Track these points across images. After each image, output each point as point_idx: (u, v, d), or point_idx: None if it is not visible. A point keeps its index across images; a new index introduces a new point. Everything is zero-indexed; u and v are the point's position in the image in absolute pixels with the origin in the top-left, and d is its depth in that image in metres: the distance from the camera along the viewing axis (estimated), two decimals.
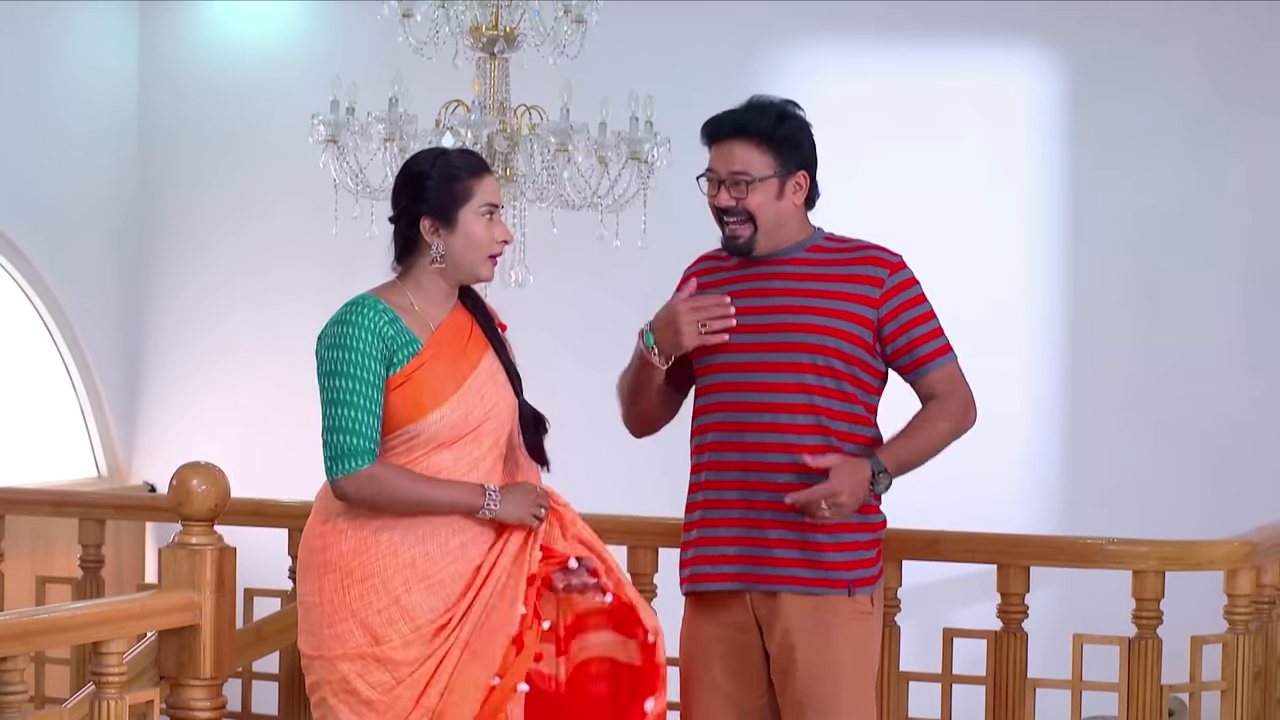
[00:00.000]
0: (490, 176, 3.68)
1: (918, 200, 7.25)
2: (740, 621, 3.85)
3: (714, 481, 3.87)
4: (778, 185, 3.81)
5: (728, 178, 3.82)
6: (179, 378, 8.34)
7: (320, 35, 8.12)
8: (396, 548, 3.57)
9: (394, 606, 3.55)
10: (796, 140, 3.83)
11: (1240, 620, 4.71)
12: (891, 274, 3.82)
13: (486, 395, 3.64)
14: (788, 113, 3.85)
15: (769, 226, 3.82)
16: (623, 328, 7.12)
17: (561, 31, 5.94)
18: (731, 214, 3.83)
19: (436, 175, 3.64)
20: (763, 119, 3.81)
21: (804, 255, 3.86)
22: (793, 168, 3.82)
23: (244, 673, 5.37)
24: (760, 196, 3.80)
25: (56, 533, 7.05)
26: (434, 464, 3.59)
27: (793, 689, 3.80)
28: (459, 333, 3.67)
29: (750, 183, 3.79)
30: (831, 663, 3.78)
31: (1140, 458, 7.07)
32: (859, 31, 7.45)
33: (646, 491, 4.52)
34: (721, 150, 3.84)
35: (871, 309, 3.80)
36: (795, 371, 3.79)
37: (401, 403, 3.57)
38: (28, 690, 3.37)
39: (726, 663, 3.87)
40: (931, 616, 5.91)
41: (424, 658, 3.55)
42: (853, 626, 3.81)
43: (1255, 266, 7.02)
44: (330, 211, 5.95)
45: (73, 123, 8.03)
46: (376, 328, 3.57)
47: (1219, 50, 7.04)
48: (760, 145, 3.80)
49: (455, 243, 3.64)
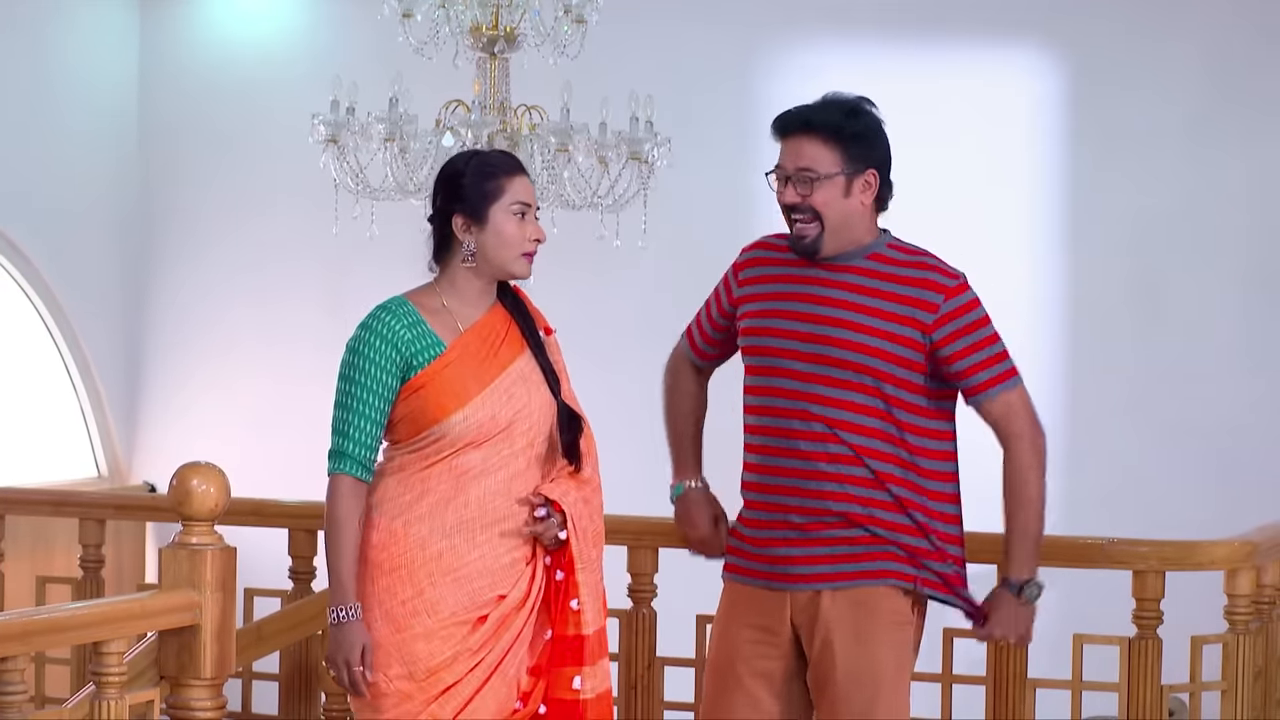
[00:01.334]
0: (524, 176, 3.69)
1: (918, 200, 7.20)
2: (775, 625, 3.80)
3: (757, 484, 3.84)
4: (845, 183, 3.72)
5: (794, 173, 3.73)
6: (179, 377, 8.34)
7: (320, 35, 8.12)
8: (424, 540, 3.60)
9: (418, 599, 3.58)
10: (866, 137, 3.75)
11: (1240, 620, 4.71)
12: (947, 299, 3.72)
13: (515, 396, 3.65)
14: (859, 109, 3.77)
15: (835, 225, 3.72)
16: (623, 327, 7.13)
17: (562, 31, 5.94)
18: (798, 211, 3.74)
19: (470, 173, 3.66)
20: (830, 114, 3.74)
21: (863, 264, 3.76)
22: (861, 166, 3.73)
23: (244, 673, 5.38)
24: (826, 194, 3.71)
25: (57, 533, 7.05)
26: (462, 463, 3.62)
27: (830, 695, 3.75)
28: (491, 333, 3.68)
29: (816, 179, 3.71)
30: (870, 671, 3.73)
31: (1140, 458, 7.07)
32: (859, 31, 7.45)
33: (647, 491, 4.52)
34: (789, 145, 3.75)
35: (923, 334, 3.71)
36: (840, 387, 3.71)
37: (425, 403, 3.60)
38: (28, 690, 3.37)
39: (754, 664, 3.82)
40: (932, 616, 5.89)
41: (446, 661, 3.58)
42: (893, 634, 3.76)
43: (1255, 267, 7.03)
44: (330, 211, 5.95)
45: (73, 122, 8.03)
46: (394, 335, 3.60)
47: (1219, 50, 7.04)
48: (827, 141, 3.71)
49: (486, 240, 3.65)
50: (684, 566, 4.47)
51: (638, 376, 4.16)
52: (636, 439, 4.05)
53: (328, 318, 7.99)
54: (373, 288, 8.39)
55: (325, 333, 7.94)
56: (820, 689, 3.78)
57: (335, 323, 7.90)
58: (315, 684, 5.21)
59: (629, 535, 4.87)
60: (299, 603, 5.21)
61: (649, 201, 5.95)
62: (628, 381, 3.84)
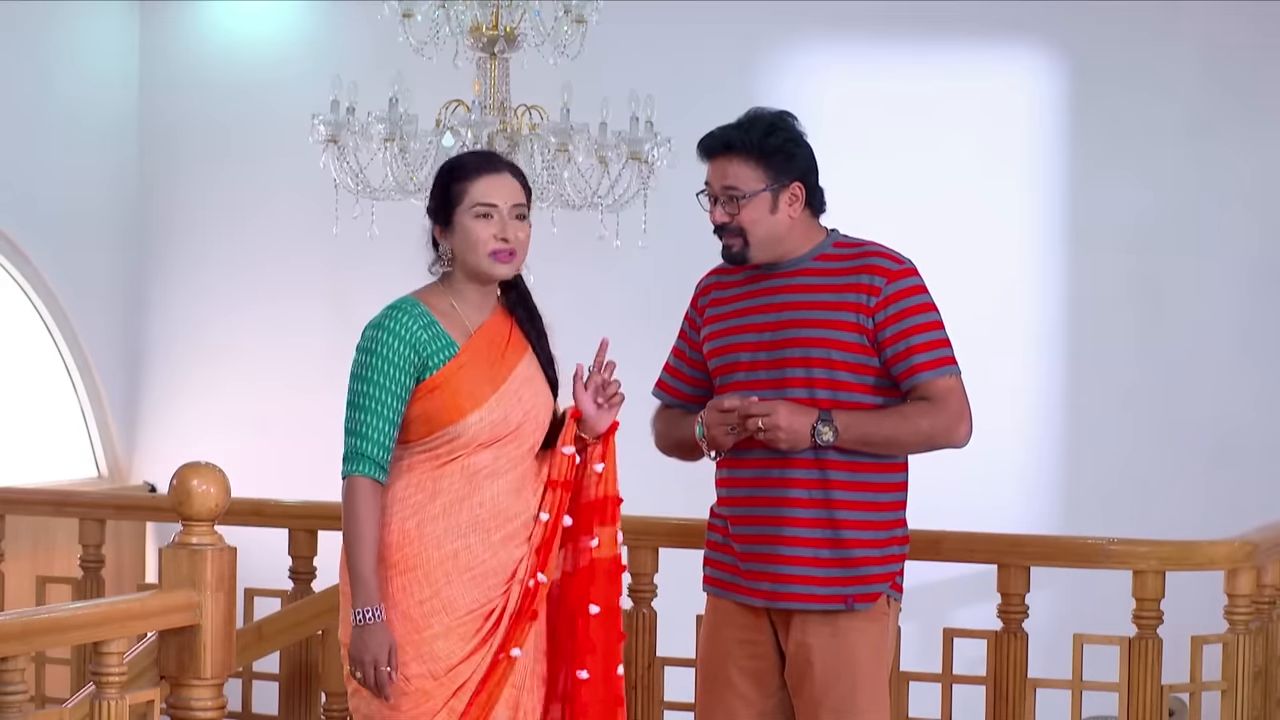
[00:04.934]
0: (490, 176, 3.69)
1: (918, 199, 7.24)
2: (757, 624, 3.87)
3: (730, 499, 3.90)
4: (770, 199, 3.79)
5: (720, 194, 3.82)
6: (179, 377, 8.34)
7: (320, 35, 8.12)
8: (440, 540, 3.62)
9: (435, 599, 3.61)
10: (788, 151, 3.80)
11: (1240, 620, 4.71)
12: (890, 282, 3.76)
13: (524, 398, 3.70)
14: (778, 125, 3.81)
15: (761, 240, 3.81)
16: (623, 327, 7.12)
17: (562, 31, 5.94)
18: (725, 230, 3.83)
19: (441, 177, 3.73)
20: (750, 134, 3.79)
21: (810, 265, 3.84)
22: (785, 180, 3.80)
23: (244, 673, 5.38)
24: (753, 211, 3.78)
25: (57, 533, 7.05)
26: (475, 463, 3.65)
27: (809, 690, 3.80)
28: (497, 336, 3.72)
29: (741, 198, 3.78)
30: (848, 663, 3.78)
31: (1141, 458, 7.07)
32: (859, 30, 7.45)
33: (646, 491, 4.52)
34: (714, 166, 3.83)
35: (866, 317, 3.75)
36: (804, 386, 3.78)
37: (440, 405, 3.62)
38: (28, 690, 3.37)
39: (744, 664, 3.88)
40: (932, 616, 5.91)
41: (464, 656, 3.60)
42: (869, 628, 3.81)
43: (1256, 266, 7.02)
44: (330, 211, 5.95)
45: (73, 122, 8.03)
46: (410, 335, 3.62)
47: (1219, 50, 7.04)
48: (749, 160, 3.78)
49: (457, 243, 3.69)
50: (684, 566, 4.47)
51: (637, 376, 4.15)
52: (635, 439, 4.03)
53: (328, 317, 8.00)
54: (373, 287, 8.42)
55: (326, 332, 7.98)
56: (798, 684, 3.82)
57: (336, 322, 7.95)
58: (315, 684, 5.22)
59: (629, 535, 4.84)
60: (299, 603, 5.21)
61: (649, 201, 5.96)
62: (627, 381, 3.84)
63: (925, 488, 4.33)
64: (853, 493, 3.79)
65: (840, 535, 3.78)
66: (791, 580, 3.79)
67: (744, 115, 3.86)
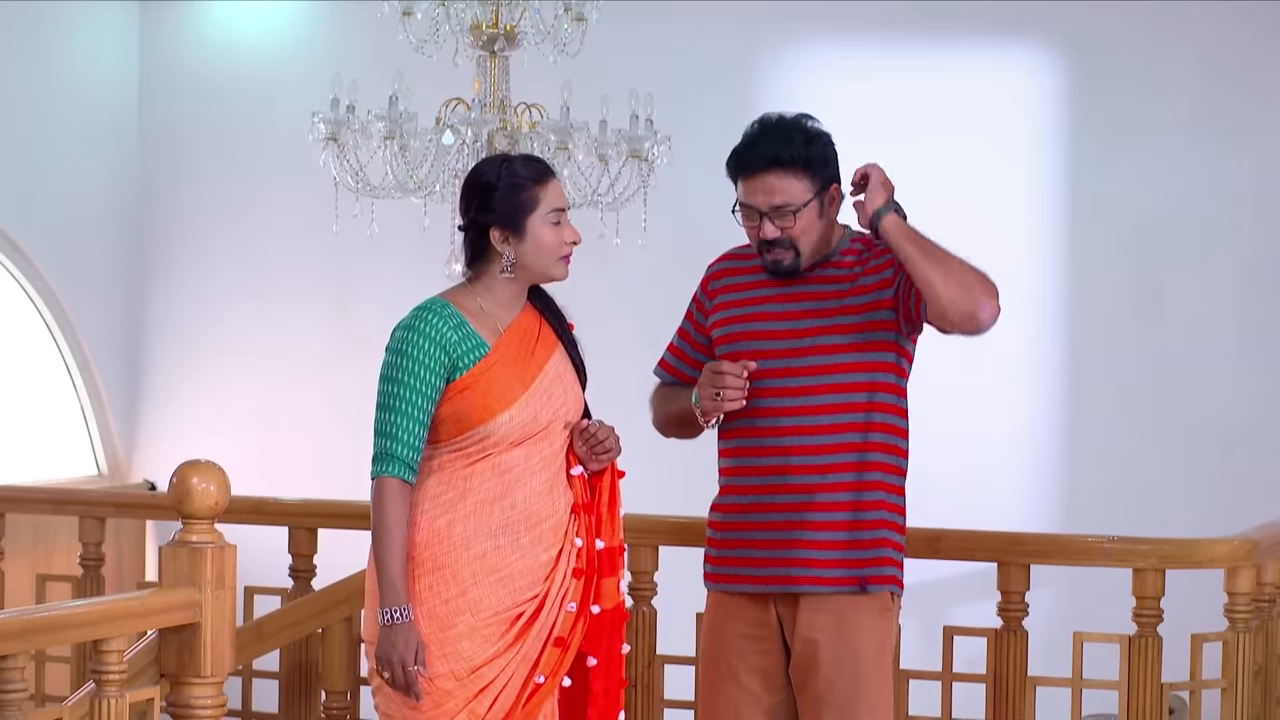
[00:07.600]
0: (554, 181, 3.73)
1: (918, 199, 7.19)
2: (762, 619, 3.86)
3: (739, 486, 3.89)
4: (818, 206, 3.79)
5: (770, 211, 3.78)
6: (179, 376, 8.34)
7: (320, 34, 8.12)
8: (469, 540, 3.62)
9: (461, 598, 3.61)
10: (825, 156, 3.81)
11: (1240, 618, 4.72)
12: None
13: (554, 395, 3.70)
14: (811, 131, 3.80)
15: (810, 248, 3.81)
16: (623, 325, 7.11)
17: (562, 29, 5.94)
18: (777, 245, 3.80)
19: (503, 186, 3.68)
20: (791, 145, 3.76)
21: (839, 258, 3.85)
22: (825, 184, 3.81)
23: (244, 671, 5.38)
24: (804, 221, 3.78)
25: (57, 531, 7.05)
26: (506, 461, 3.65)
27: (813, 685, 3.79)
28: (527, 334, 3.73)
29: (796, 211, 3.77)
30: (853, 659, 3.78)
31: (1141, 456, 7.07)
32: (859, 29, 7.45)
33: (646, 489, 4.51)
34: (756, 184, 3.78)
35: (889, 290, 3.79)
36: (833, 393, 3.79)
37: (471, 405, 3.62)
38: (28, 688, 3.37)
39: (749, 660, 3.87)
40: (932, 614, 5.91)
41: (488, 658, 3.60)
42: (874, 623, 3.81)
43: (1255, 265, 7.03)
44: (330, 209, 5.95)
45: (73, 122, 8.03)
46: (441, 336, 3.62)
47: (1219, 49, 7.04)
48: (797, 172, 3.76)
49: (526, 250, 3.69)
50: (684, 566, 4.47)
51: (637, 375, 4.16)
52: (635, 438, 4.03)
53: (328, 316, 8.00)
54: (373, 285, 8.41)
55: (326, 330, 7.98)
56: (803, 680, 3.82)
57: (336, 320, 7.96)
58: (315, 682, 5.22)
59: (629, 534, 4.84)
60: (299, 601, 5.21)
61: (649, 199, 5.96)
62: (627, 380, 3.84)
63: (925, 486, 4.33)
64: (882, 474, 3.80)
65: (861, 516, 3.79)
66: (809, 564, 3.78)
67: (767, 124, 3.82)
